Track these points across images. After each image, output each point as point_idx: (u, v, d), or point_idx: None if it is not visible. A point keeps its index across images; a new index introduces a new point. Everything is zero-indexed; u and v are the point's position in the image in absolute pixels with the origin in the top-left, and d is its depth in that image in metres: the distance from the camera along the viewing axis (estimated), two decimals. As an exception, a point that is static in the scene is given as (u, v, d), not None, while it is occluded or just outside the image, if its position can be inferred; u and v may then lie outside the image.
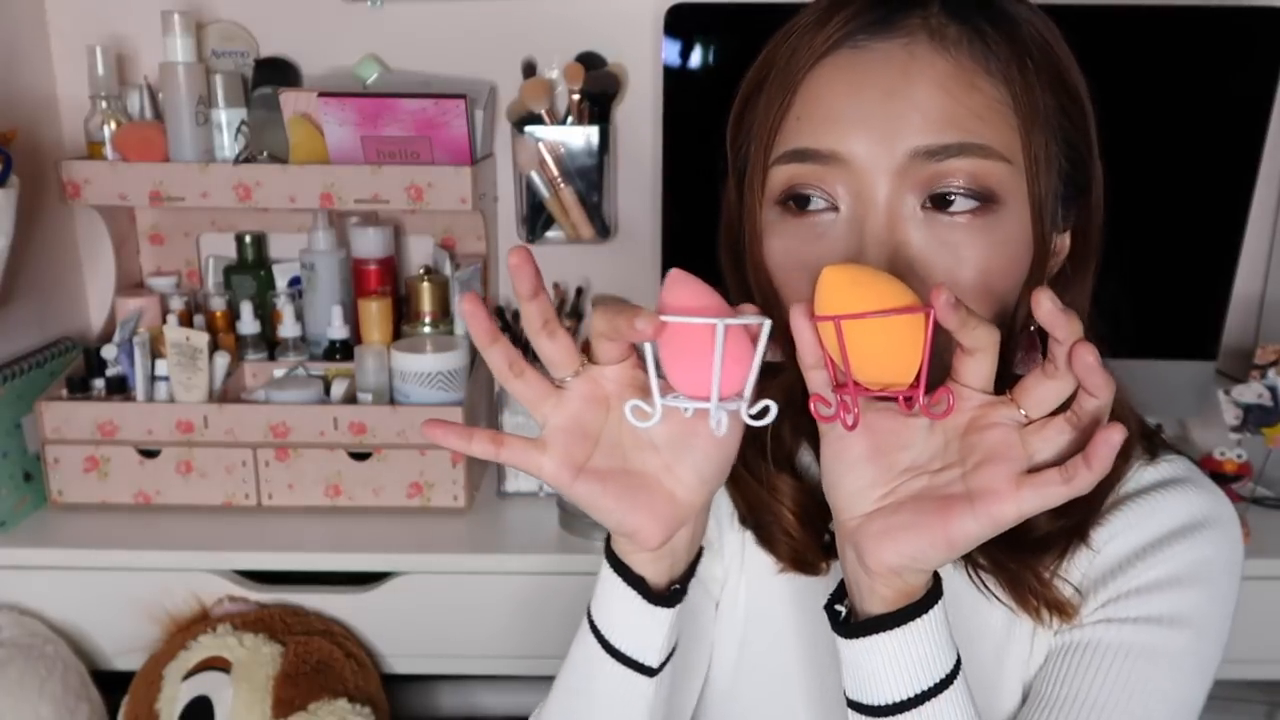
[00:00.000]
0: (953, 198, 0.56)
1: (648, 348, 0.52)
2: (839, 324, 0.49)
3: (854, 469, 0.55)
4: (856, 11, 0.58)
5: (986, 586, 0.66)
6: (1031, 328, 0.63)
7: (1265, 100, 1.25)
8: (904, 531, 0.53)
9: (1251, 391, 1.30)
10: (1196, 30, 1.23)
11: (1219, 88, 1.25)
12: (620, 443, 0.56)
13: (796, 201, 0.59)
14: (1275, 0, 1.22)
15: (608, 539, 0.60)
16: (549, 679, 0.66)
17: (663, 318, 0.51)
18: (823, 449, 0.56)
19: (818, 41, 0.58)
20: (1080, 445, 0.49)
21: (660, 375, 0.53)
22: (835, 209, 0.58)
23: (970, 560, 0.66)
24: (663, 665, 0.62)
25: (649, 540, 0.56)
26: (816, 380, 0.54)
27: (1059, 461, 0.50)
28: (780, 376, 0.67)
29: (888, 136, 0.56)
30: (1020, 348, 0.63)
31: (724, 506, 0.76)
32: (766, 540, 0.72)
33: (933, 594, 0.55)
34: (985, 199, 0.56)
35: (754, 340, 0.52)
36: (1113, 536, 0.66)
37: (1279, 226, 1.46)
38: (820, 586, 0.71)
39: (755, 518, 0.72)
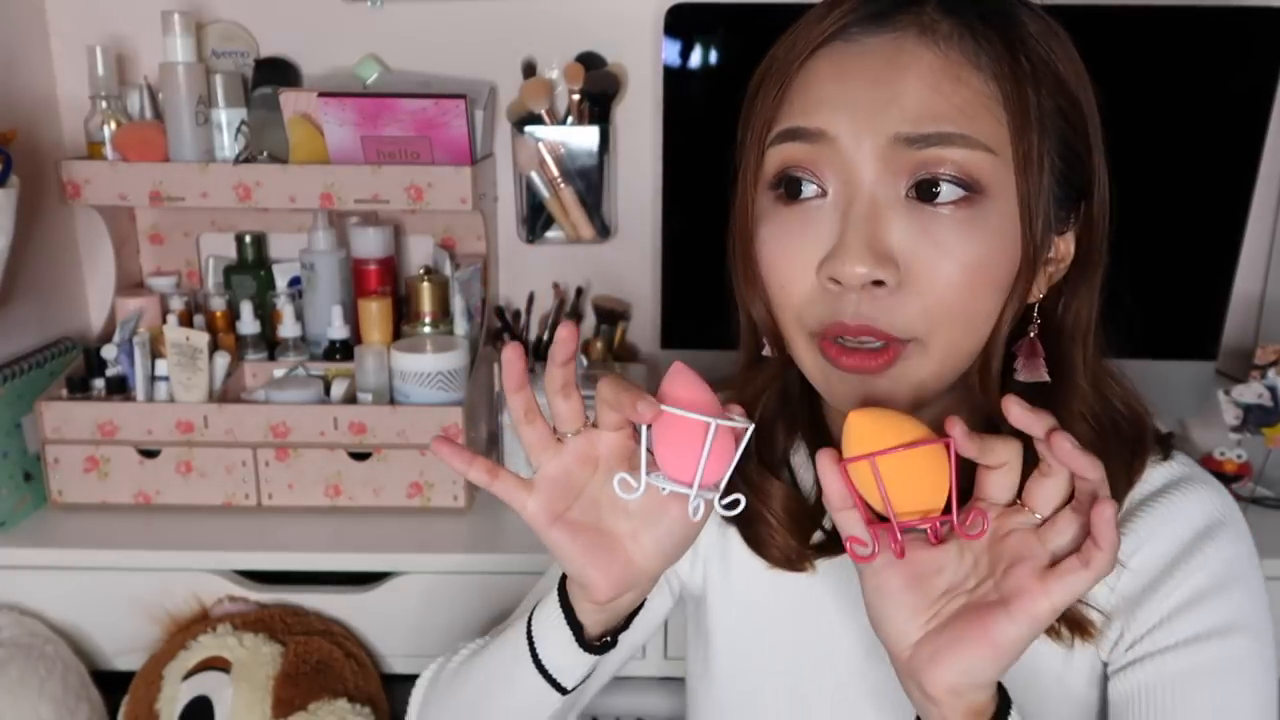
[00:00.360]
0: (937, 186, 0.57)
1: (644, 429, 0.57)
2: (874, 462, 0.53)
3: (895, 600, 0.56)
4: (852, 7, 0.60)
5: None
6: (1031, 333, 0.63)
7: (1265, 100, 1.25)
8: (951, 648, 0.54)
9: (1251, 391, 1.30)
10: (1196, 30, 1.23)
11: (1219, 88, 1.25)
12: (598, 502, 0.61)
13: (788, 186, 0.60)
14: (1275, 0, 1.22)
15: (563, 576, 0.66)
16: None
17: (662, 407, 0.55)
18: (864, 587, 0.58)
19: (813, 35, 0.60)
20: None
21: (649, 453, 0.58)
22: (824, 194, 0.59)
23: None
24: (576, 687, 0.68)
25: (598, 594, 0.61)
26: (849, 521, 0.56)
27: (1078, 548, 0.52)
28: (769, 370, 0.68)
29: (871, 121, 0.57)
30: (1021, 354, 0.63)
31: None
32: (755, 543, 0.72)
33: (1002, 709, 0.56)
34: (969, 189, 0.57)
35: (737, 439, 0.57)
36: (1138, 548, 0.65)
37: (1279, 226, 1.46)
38: (807, 580, 0.72)
39: (747, 523, 0.73)
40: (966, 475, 0.55)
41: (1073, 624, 0.64)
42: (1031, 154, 0.57)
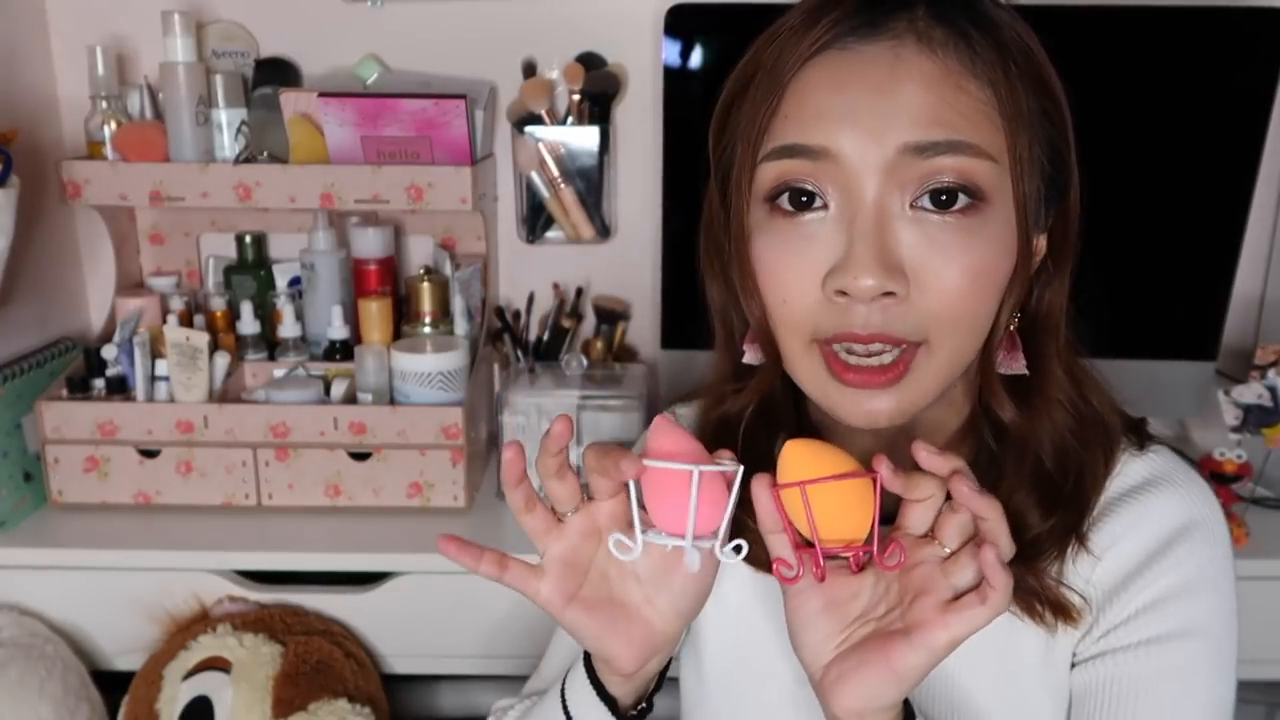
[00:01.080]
0: (943, 195, 0.57)
1: (631, 487, 0.58)
2: (804, 490, 0.55)
3: (812, 623, 0.59)
4: (843, 15, 0.59)
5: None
6: (1011, 327, 0.64)
7: (1265, 100, 1.24)
8: (855, 672, 0.56)
9: (1251, 392, 1.30)
10: (1196, 30, 1.23)
11: (1219, 88, 1.25)
12: (608, 573, 0.62)
13: (790, 198, 0.60)
14: (1275, 0, 1.22)
15: (587, 654, 0.66)
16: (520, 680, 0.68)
17: (645, 461, 0.56)
18: (786, 608, 0.60)
19: (804, 44, 0.59)
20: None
21: (644, 509, 0.58)
22: (825, 207, 0.59)
23: None
24: None
25: (623, 667, 0.62)
26: (778, 544, 0.59)
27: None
28: (758, 378, 0.69)
29: (876, 132, 0.57)
30: (1000, 348, 0.64)
31: None
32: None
33: None
34: (974, 197, 0.57)
35: (729, 484, 0.58)
36: (1113, 541, 0.66)
37: (1279, 226, 1.46)
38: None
39: (730, 526, 0.73)
40: (893, 502, 0.57)
41: (1056, 607, 0.65)
42: (1026, 156, 0.58)
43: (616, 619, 0.61)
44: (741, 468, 0.58)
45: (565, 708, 0.67)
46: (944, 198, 0.57)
